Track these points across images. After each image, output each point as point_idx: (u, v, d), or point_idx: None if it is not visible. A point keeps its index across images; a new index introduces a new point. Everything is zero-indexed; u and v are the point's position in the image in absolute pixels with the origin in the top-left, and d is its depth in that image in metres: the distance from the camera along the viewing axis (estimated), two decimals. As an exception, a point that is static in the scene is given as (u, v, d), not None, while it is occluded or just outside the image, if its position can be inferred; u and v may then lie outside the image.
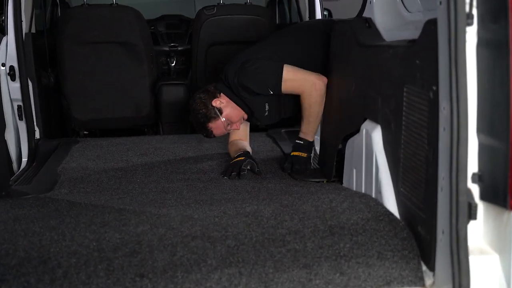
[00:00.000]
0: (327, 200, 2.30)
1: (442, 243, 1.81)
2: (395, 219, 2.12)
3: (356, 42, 2.73)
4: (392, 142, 2.26)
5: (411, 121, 2.07)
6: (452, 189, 1.74)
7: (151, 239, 2.00)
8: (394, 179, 2.25)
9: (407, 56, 2.11)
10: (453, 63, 1.72)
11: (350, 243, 1.99)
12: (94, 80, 4.44)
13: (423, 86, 1.95)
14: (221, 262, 1.90)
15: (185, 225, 2.10)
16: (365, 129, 2.52)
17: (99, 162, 3.50)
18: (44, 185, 3.03)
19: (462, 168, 1.73)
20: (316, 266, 1.90)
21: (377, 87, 2.43)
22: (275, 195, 2.56)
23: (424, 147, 1.95)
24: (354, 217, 2.13)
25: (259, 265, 1.90)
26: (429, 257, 1.91)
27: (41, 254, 1.93)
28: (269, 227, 2.08)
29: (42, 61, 4.30)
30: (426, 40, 1.93)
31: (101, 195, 2.76)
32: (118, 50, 4.42)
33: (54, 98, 4.47)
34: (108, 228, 2.10)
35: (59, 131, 4.63)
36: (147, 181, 3.07)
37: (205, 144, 3.89)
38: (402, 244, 1.98)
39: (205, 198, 2.57)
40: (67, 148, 3.82)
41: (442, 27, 1.77)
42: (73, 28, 4.33)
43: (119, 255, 1.93)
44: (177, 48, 5.12)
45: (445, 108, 1.78)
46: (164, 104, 4.59)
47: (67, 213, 2.33)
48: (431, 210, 1.89)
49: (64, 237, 2.04)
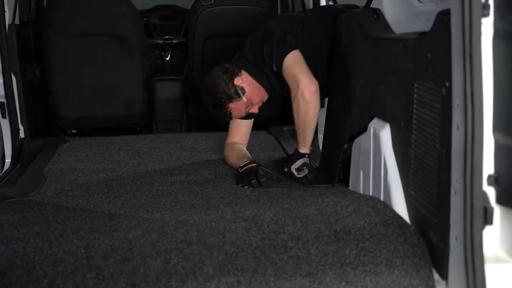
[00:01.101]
0: (332, 204, 2.30)
1: (456, 250, 1.81)
2: (405, 224, 2.12)
3: (363, 35, 2.73)
4: (402, 142, 2.26)
5: (422, 119, 2.06)
6: (466, 192, 1.74)
7: (144, 246, 2.00)
8: (404, 181, 2.25)
9: (418, 49, 2.11)
10: (468, 57, 1.72)
11: (356, 249, 1.98)
12: (83, 75, 4.44)
13: (435, 82, 1.95)
14: (218, 270, 1.90)
15: (180, 231, 2.10)
16: (373, 128, 2.52)
17: (88, 163, 3.50)
18: (29, 187, 3.03)
19: (477, 170, 1.72)
20: (320, 274, 1.90)
21: (386, 83, 2.43)
22: (276, 198, 2.57)
23: (436, 147, 1.95)
24: (361, 221, 2.13)
25: (259, 273, 1.90)
26: (441, 265, 1.91)
27: (25, 262, 1.93)
28: (269, 232, 2.08)
29: (27, 55, 4.30)
30: (439, 32, 1.93)
31: (90, 199, 2.76)
32: (109, 43, 4.42)
33: (39, 95, 4.47)
34: (97, 234, 2.09)
35: (45, 129, 4.64)
36: (140, 184, 3.07)
37: (202, 143, 3.89)
38: (412, 250, 1.98)
39: (202, 202, 2.57)
40: (54, 148, 3.82)
41: (456, 18, 1.77)
42: (60, 19, 4.34)
43: (109, 263, 1.93)
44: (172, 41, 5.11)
45: (458, 105, 1.78)
46: (158, 101, 4.60)
47: (53, 218, 2.33)
48: (443, 214, 1.88)
49: (50, 244, 2.04)
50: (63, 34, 4.35)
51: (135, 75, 4.51)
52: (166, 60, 5.04)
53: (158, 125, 4.69)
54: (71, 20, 4.35)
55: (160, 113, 4.64)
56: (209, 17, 4.47)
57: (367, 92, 2.65)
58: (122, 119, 4.65)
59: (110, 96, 4.51)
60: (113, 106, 4.53)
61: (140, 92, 4.54)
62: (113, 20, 4.39)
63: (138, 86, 4.53)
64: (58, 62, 4.39)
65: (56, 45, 4.36)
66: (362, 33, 2.75)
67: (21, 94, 3.99)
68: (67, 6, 4.41)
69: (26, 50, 4.27)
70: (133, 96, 4.54)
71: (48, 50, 4.38)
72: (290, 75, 3.15)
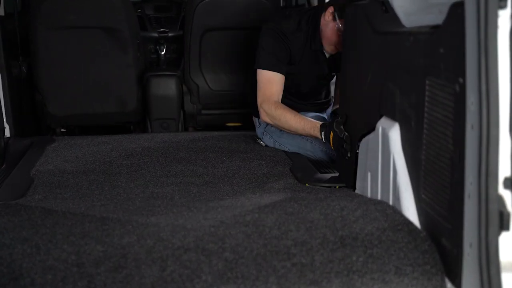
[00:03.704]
0: (338, 208, 2.30)
1: (470, 258, 1.81)
2: (416, 229, 2.12)
3: (371, 29, 2.74)
4: (412, 142, 2.26)
5: (434, 118, 2.07)
6: (481, 195, 1.74)
7: (138, 252, 2.01)
8: (415, 184, 2.26)
9: (429, 44, 2.12)
10: (483, 52, 1.72)
11: (364, 256, 1.99)
12: (73, 71, 4.45)
13: (448, 78, 1.95)
14: (217, 278, 1.91)
15: (177, 236, 2.10)
16: (382, 127, 2.52)
17: (78, 164, 3.50)
18: (16, 190, 3.03)
19: (493, 172, 1.73)
20: (325, 283, 1.90)
21: (396, 80, 2.44)
22: (279, 202, 2.57)
23: (449, 147, 1.95)
24: (369, 226, 2.13)
25: (261, 281, 1.90)
26: (455, 273, 1.91)
27: (11, 269, 1.93)
28: (271, 238, 2.08)
29: (13, 49, 4.31)
30: (452, 26, 1.93)
31: (80, 202, 2.76)
32: (100, 36, 4.43)
33: (26, 91, 4.47)
34: (89, 240, 2.10)
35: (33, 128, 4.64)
36: (134, 186, 3.07)
37: (199, 143, 3.89)
38: (423, 257, 1.98)
39: (199, 205, 2.57)
40: (42, 147, 3.83)
41: (470, 10, 1.77)
42: (48, 11, 4.34)
43: (101, 270, 1.93)
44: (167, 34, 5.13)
45: (473, 103, 1.78)
46: (153, 98, 4.60)
47: (41, 222, 2.33)
48: (457, 219, 1.89)
49: (39, 250, 2.04)
50: (51, 27, 4.35)
51: (128, 70, 4.51)
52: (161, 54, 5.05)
53: (152, 124, 4.69)
54: (60, 11, 4.35)
55: (155, 111, 4.65)
56: (208, 9, 4.47)
57: (375, 89, 2.65)
58: (114, 117, 4.66)
59: (102, 93, 4.52)
60: (104, 104, 4.54)
61: (133, 89, 4.54)
62: (105, 11, 4.39)
63: (132, 82, 4.53)
64: (45, 56, 4.40)
65: (44, 39, 4.36)
66: (369, 27, 2.75)
67: (6, 91, 4.00)
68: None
69: (12, 44, 4.28)
70: (126, 92, 4.55)
71: (35, 43, 4.38)
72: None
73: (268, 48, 3.63)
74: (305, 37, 3.66)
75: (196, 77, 4.69)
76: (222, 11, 4.49)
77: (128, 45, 4.46)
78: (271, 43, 3.63)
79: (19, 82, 4.33)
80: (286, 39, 3.63)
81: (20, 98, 4.29)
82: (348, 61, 3.14)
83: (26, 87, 4.47)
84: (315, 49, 3.68)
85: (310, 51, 3.69)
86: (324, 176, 3.20)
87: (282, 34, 3.63)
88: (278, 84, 3.65)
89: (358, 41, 2.98)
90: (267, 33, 3.66)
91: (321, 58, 3.73)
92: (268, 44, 3.64)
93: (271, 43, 3.63)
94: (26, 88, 4.47)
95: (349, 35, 3.13)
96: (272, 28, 3.65)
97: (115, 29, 4.41)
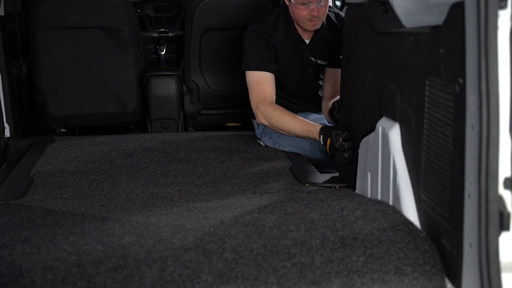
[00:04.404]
0: (338, 208, 2.30)
1: (470, 258, 1.81)
2: (416, 230, 2.12)
3: (371, 29, 2.74)
4: (412, 142, 2.26)
5: (434, 118, 2.07)
6: (481, 196, 1.74)
7: (138, 252, 2.01)
8: (415, 184, 2.26)
9: (429, 44, 2.12)
10: (483, 52, 1.72)
11: (364, 256, 1.99)
12: (73, 71, 4.45)
13: (448, 79, 1.95)
14: (217, 278, 1.91)
15: (177, 236, 2.10)
16: (382, 128, 2.52)
17: (78, 164, 3.50)
18: (16, 190, 3.03)
19: (493, 172, 1.73)
20: (325, 283, 1.90)
21: (396, 80, 2.44)
22: (279, 202, 2.57)
23: (449, 148, 1.96)
24: (369, 226, 2.13)
25: (261, 281, 1.90)
26: (455, 274, 1.91)
27: (11, 270, 1.93)
28: (271, 238, 2.09)
29: (13, 49, 4.30)
30: (452, 26, 1.93)
31: (80, 202, 2.76)
32: (100, 36, 4.43)
33: (26, 91, 4.47)
34: (89, 240, 2.10)
35: (33, 128, 4.64)
36: (134, 186, 3.07)
37: (199, 143, 3.89)
38: (423, 258, 1.98)
39: (199, 205, 2.57)
40: (42, 148, 3.83)
41: (471, 10, 1.77)
42: (48, 11, 4.34)
43: (101, 270, 1.93)
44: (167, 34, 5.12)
45: (473, 103, 1.78)
46: (153, 98, 4.60)
47: (41, 222, 2.34)
48: (457, 219, 1.89)
49: (39, 250, 2.04)
50: (51, 27, 4.35)
51: (128, 70, 4.51)
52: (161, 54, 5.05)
53: (152, 124, 4.69)
54: (60, 11, 4.35)
55: (155, 111, 4.65)
56: (208, 9, 4.47)
57: (375, 89, 2.65)
58: (114, 117, 4.65)
59: (102, 93, 4.51)
60: (104, 104, 4.53)
61: (133, 89, 4.54)
62: (105, 11, 4.39)
63: (132, 82, 4.53)
64: (45, 56, 4.39)
65: (44, 39, 4.36)
66: (369, 27, 2.75)
67: (7, 91, 4.00)
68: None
69: (12, 44, 4.28)
70: (126, 93, 4.54)
71: (35, 43, 4.38)
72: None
73: (252, 50, 3.65)
74: (285, 30, 3.69)
75: (196, 77, 4.69)
76: (222, 11, 4.49)
77: (128, 45, 4.46)
78: (254, 44, 3.65)
79: (19, 82, 4.33)
80: (269, 36, 3.65)
81: (20, 98, 4.29)
82: (348, 61, 3.14)
83: (26, 87, 4.47)
84: (294, 38, 3.70)
85: (290, 41, 3.71)
86: (324, 176, 3.20)
87: (264, 33, 3.65)
88: (269, 83, 3.65)
89: (358, 41, 2.98)
90: (249, 35, 3.68)
91: (302, 46, 3.74)
92: (251, 46, 3.66)
93: (254, 44, 3.65)
94: (26, 88, 4.47)
95: (349, 35, 3.13)
96: (254, 30, 3.67)
97: (115, 29, 4.41)
